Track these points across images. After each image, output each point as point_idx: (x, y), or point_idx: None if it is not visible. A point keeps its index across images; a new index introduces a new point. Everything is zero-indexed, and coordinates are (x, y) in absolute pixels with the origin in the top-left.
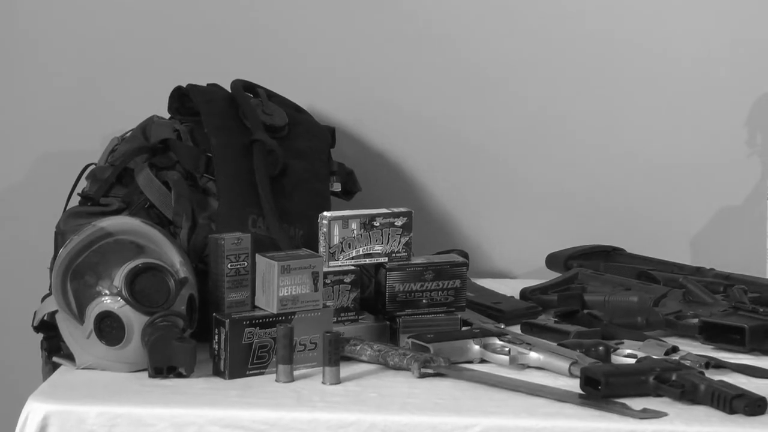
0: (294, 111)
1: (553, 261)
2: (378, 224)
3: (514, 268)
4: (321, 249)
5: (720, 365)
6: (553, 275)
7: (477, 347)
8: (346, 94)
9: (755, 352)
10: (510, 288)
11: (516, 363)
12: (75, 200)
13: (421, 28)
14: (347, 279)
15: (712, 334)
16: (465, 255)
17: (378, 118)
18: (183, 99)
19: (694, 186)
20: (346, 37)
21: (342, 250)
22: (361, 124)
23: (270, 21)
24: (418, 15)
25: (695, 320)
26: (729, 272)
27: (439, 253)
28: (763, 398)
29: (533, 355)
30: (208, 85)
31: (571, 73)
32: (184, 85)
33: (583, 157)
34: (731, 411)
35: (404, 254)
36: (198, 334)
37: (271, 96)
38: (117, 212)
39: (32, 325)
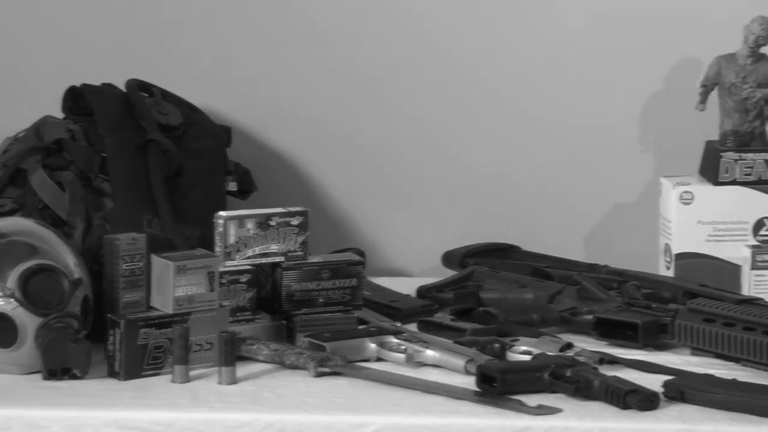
0: (189, 110)
1: (449, 259)
2: (274, 224)
3: (411, 267)
4: (217, 249)
5: (614, 361)
6: (449, 273)
7: (373, 346)
8: (242, 93)
9: (648, 347)
10: (406, 286)
11: (412, 361)
12: None
13: (315, 29)
14: (243, 279)
15: (606, 330)
16: (361, 254)
17: (274, 117)
18: (77, 99)
19: (587, 183)
20: (242, 37)
21: (238, 250)
22: (257, 124)
23: (165, 20)
24: (312, 15)
25: (589, 317)
26: (623, 269)
27: (335, 252)
28: (655, 393)
29: (429, 353)
30: (102, 84)
31: (464, 71)
32: (78, 85)
33: (479, 155)
34: (625, 406)
35: (300, 253)
36: (93, 335)
37: (167, 95)
38: (10, 213)
39: None
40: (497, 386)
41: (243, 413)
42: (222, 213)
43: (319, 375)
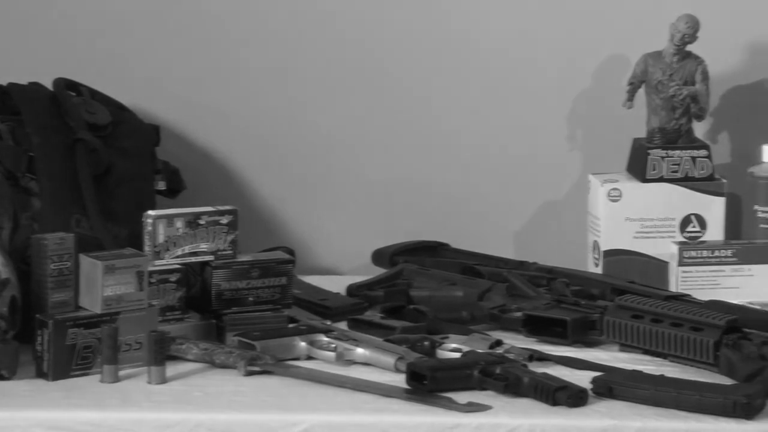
0: (118, 109)
1: (379, 257)
2: (203, 222)
3: (341, 265)
4: (146, 248)
5: (543, 358)
6: (379, 271)
7: (303, 344)
8: (171, 92)
9: (577, 344)
10: (336, 284)
11: (342, 359)
12: None
13: (242, 28)
14: (173, 278)
15: (536, 327)
16: (291, 252)
17: (203, 116)
18: (3, 98)
19: (516, 181)
20: (169, 36)
21: (167, 249)
22: (186, 122)
23: (92, 19)
24: (239, 14)
25: (519, 314)
26: (552, 266)
27: (265, 251)
28: (584, 390)
29: (359, 351)
30: (29, 83)
31: (392, 68)
32: (5, 84)
33: (408, 153)
34: (554, 403)
35: (230, 252)
36: (21, 335)
37: (94, 94)
38: None
39: None
40: (427, 384)
41: (173, 413)
42: (151, 212)
43: (249, 374)
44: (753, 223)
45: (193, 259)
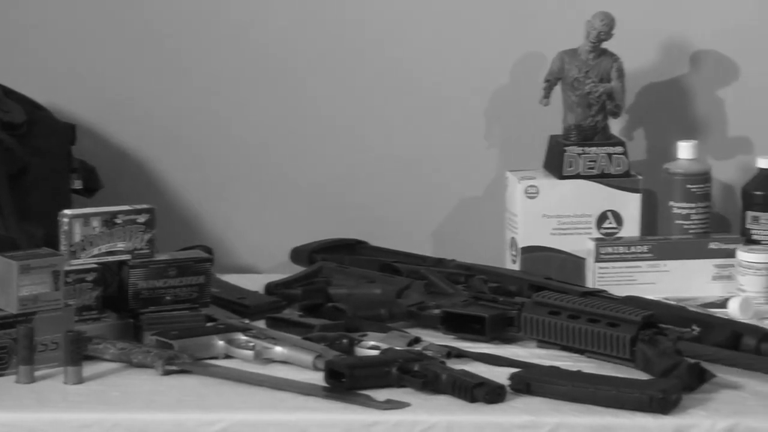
0: (33, 108)
1: (297, 255)
2: (120, 221)
3: (259, 263)
4: (62, 247)
5: (461, 355)
6: (297, 269)
7: (221, 343)
8: (86, 90)
9: (495, 341)
10: (255, 283)
11: (261, 358)
12: None
13: (160, 25)
14: (89, 277)
15: (454, 324)
16: (209, 251)
17: (119, 114)
18: None
19: (434, 178)
20: (85, 34)
21: (83, 248)
22: (102, 121)
23: (5, 17)
24: (155, 12)
25: (437, 311)
26: (470, 263)
27: (182, 250)
28: (502, 386)
29: (278, 350)
30: None
31: (309, 67)
32: None
33: (326, 151)
34: (472, 399)
35: (147, 251)
36: None
37: (9, 93)
38: None
39: None
40: (345, 381)
41: (90, 413)
42: (67, 211)
43: (167, 373)
44: (668, 220)
45: (110, 259)
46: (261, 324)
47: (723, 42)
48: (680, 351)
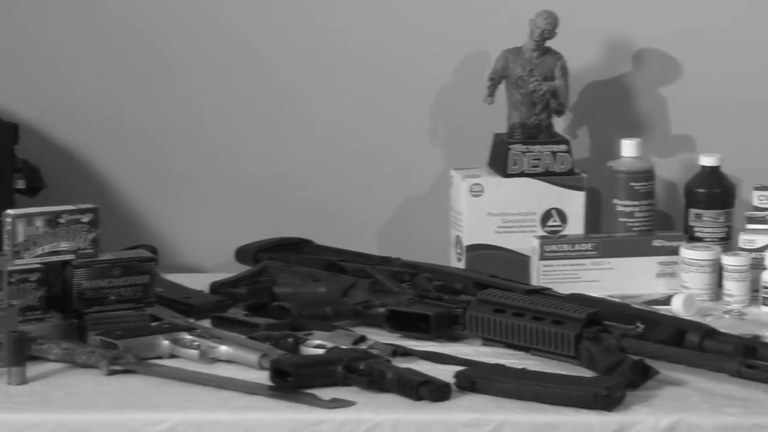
0: None
1: (242, 254)
2: (64, 221)
3: (204, 263)
4: (5, 247)
5: (407, 353)
6: (242, 269)
7: (166, 342)
8: (29, 89)
9: (441, 338)
10: (200, 282)
11: (206, 357)
12: None
13: (103, 23)
14: (33, 277)
15: (399, 322)
16: (154, 250)
17: (62, 113)
18: None
19: (379, 177)
20: (27, 32)
21: (27, 248)
22: (45, 120)
23: None
24: (96, 10)
25: (382, 309)
26: (415, 261)
27: (127, 249)
28: (447, 384)
29: (223, 349)
30: None
31: (253, 65)
32: None
33: (271, 150)
34: (417, 397)
35: (91, 251)
36: None
37: None
38: None
39: None
40: (291, 381)
41: (34, 413)
42: (10, 211)
43: (112, 373)
44: (612, 217)
45: (54, 259)
46: (206, 323)
47: (666, 41)
48: (624, 348)
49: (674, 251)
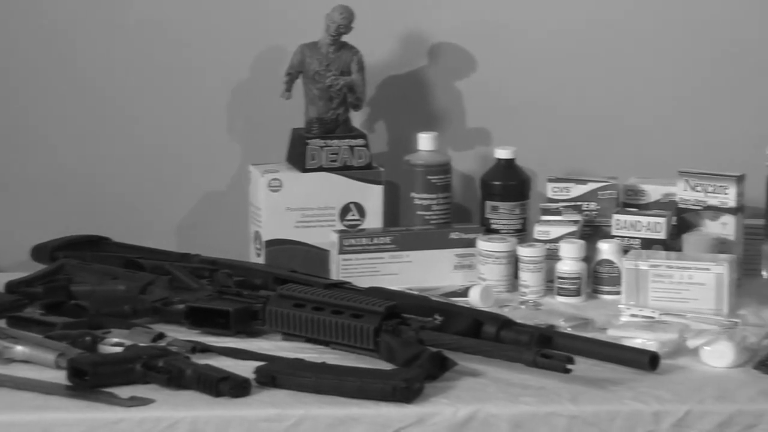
0: None
1: (38, 253)
2: None
3: (0, 261)
4: None
5: (206, 349)
6: (38, 267)
7: None
8: None
9: (240, 334)
10: None
11: (2, 358)
12: None
13: None
14: None
15: (198, 318)
16: None
17: None
18: None
19: (177, 173)
20: None
21: None
22: None
23: None
24: None
25: (181, 306)
26: (215, 257)
27: None
28: (247, 380)
29: (19, 349)
30: None
31: (56, 60)
32: None
33: (67, 146)
34: (217, 393)
35: None
36: None
37: None
38: None
39: None
40: (89, 379)
41: None
42: None
43: None
44: (410, 211)
45: None
46: (2, 323)
47: (461, 35)
48: (423, 340)
49: (471, 243)
